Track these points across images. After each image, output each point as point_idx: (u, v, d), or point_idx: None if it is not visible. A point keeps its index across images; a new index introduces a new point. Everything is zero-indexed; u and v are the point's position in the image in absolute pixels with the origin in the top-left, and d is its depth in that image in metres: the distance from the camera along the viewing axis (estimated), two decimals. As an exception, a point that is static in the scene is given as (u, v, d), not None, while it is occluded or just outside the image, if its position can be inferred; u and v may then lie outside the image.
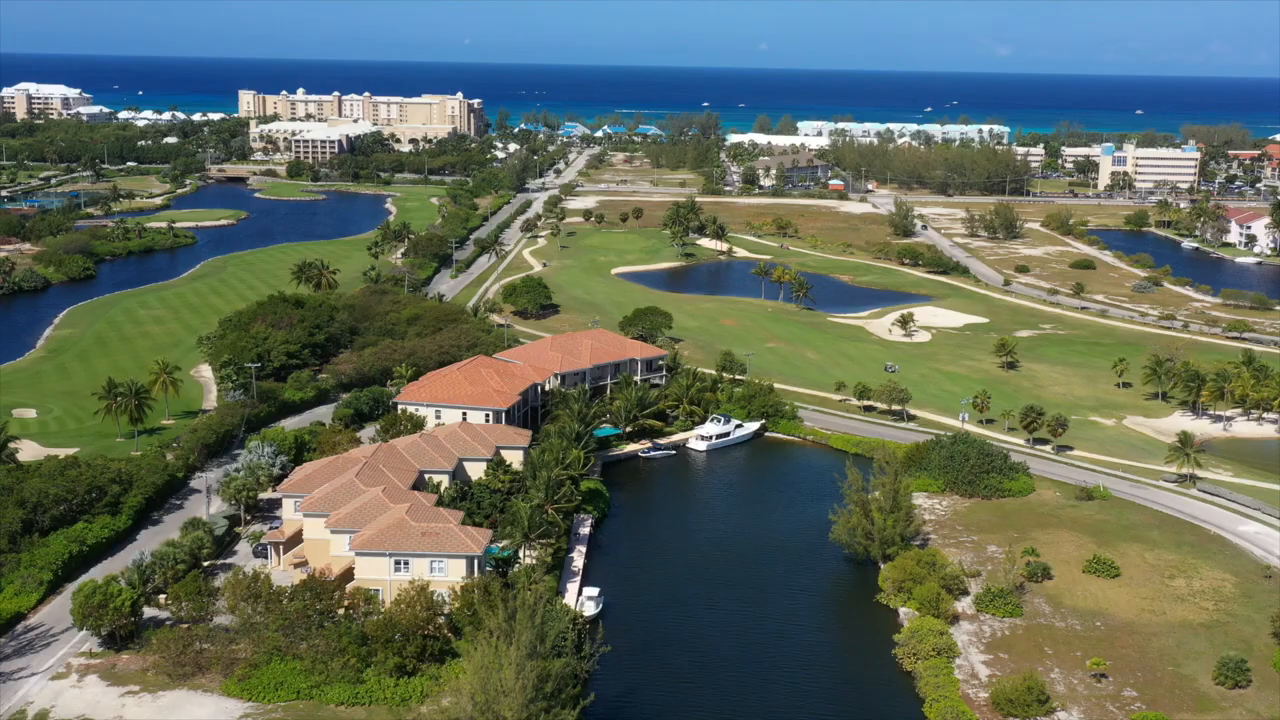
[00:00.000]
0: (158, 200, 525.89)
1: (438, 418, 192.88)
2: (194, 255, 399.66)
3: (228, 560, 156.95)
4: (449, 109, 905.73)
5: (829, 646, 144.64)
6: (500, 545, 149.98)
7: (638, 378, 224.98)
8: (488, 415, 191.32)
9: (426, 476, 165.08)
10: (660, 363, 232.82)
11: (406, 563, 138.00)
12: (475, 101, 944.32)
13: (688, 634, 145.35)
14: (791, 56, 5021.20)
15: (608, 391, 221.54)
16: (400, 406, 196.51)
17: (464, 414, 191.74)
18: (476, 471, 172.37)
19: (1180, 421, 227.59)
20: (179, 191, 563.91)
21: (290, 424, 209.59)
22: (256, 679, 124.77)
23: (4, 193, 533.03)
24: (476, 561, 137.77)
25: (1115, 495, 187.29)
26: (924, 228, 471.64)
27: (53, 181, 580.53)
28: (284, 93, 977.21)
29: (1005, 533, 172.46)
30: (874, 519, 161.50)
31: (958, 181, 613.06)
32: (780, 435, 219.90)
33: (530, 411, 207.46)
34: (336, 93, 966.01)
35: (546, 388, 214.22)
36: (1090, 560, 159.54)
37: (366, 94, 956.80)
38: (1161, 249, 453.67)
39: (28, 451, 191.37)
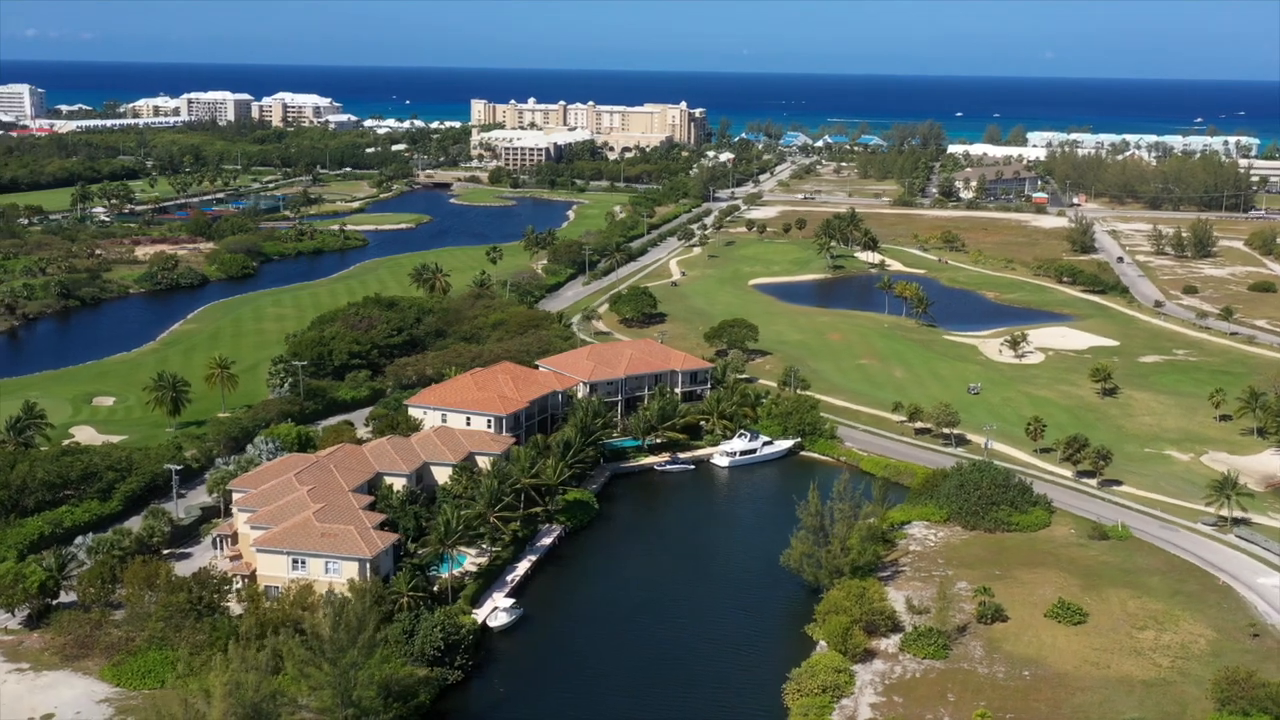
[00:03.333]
0: (355, 204, 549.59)
1: (443, 421, 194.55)
2: (361, 256, 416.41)
3: (189, 549, 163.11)
4: (669, 118, 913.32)
5: (732, 673, 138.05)
6: (422, 550, 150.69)
7: (679, 390, 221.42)
8: (489, 421, 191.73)
9: (383, 479, 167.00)
10: (706, 375, 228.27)
11: (303, 561, 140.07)
12: (697, 111, 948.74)
13: (593, 650, 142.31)
14: (1078, 64, 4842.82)
15: (644, 402, 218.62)
16: (409, 409, 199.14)
17: (467, 419, 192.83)
18: (444, 476, 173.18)
19: (1267, 460, 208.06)
20: (382, 196, 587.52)
21: (335, 422, 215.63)
22: (129, 666, 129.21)
23: (220, 195, 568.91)
24: (369, 564, 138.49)
25: (1137, 536, 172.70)
26: (1121, 260, 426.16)
27: (270, 185, 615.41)
28: (512, 101, 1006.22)
29: (986, 569, 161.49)
30: (831, 546, 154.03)
31: (1173, 196, 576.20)
32: (814, 454, 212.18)
33: (548, 419, 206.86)
34: (562, 102, 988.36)
35: (578, 396, 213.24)
36: (1055, 605, 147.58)
37: (590, 103, 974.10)
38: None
39: (83, 436, 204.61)
